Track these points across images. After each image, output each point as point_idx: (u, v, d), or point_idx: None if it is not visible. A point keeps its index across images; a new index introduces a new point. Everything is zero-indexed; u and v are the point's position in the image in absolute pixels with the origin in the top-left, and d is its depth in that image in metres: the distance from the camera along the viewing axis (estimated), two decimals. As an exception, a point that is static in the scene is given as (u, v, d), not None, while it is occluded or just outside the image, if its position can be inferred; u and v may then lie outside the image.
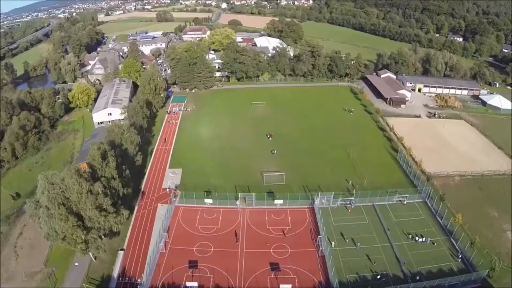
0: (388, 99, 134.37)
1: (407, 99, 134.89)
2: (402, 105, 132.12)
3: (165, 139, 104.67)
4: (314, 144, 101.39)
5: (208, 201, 74.62)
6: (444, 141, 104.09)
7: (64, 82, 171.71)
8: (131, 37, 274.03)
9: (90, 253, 62.63)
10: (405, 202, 76.64)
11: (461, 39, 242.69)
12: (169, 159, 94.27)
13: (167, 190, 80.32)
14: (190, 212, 74.42)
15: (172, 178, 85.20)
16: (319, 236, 65.87)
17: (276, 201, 74.77)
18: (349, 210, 74.93)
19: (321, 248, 64.26)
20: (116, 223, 62.71)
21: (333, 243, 66.09)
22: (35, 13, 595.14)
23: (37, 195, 61.12)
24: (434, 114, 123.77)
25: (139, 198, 78.83)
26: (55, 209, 56.38)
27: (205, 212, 74.18)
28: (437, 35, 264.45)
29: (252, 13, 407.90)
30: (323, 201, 75.51)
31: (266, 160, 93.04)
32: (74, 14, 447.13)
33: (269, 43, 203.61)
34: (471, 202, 77.29)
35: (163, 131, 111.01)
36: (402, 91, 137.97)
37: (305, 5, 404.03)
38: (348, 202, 75.92)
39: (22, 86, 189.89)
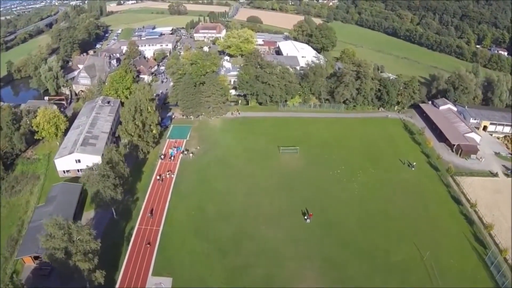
0: (454, 146, 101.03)
1: (478, 146, 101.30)
2: (472, 156, 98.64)
3: (152, 210, 71.27)
4: (371, 234, 68.37)
5: None
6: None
7: (46, 91, 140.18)
8: (136, 33, 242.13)
9: None
10: None
11: (505, 53, 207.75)
12: (154, 255, 61.15)
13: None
14: None
15: (154, 300, 53.46)
16: None
17: None
18: None
19: None
20: None
21: None
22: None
23: None
24: None
25: None
26: None
27: None
28: (478, 46, 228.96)
29: (273, 9, 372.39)
30: None
31: (302, 265, 60.47)
32: (86, 1, 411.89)
33: (298, 51, 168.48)
34: None
35: (151, 193, 77.35)
36: (471, 135, 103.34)
37: (330, 4, 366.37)
38: None
39: (5, 91, 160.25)
